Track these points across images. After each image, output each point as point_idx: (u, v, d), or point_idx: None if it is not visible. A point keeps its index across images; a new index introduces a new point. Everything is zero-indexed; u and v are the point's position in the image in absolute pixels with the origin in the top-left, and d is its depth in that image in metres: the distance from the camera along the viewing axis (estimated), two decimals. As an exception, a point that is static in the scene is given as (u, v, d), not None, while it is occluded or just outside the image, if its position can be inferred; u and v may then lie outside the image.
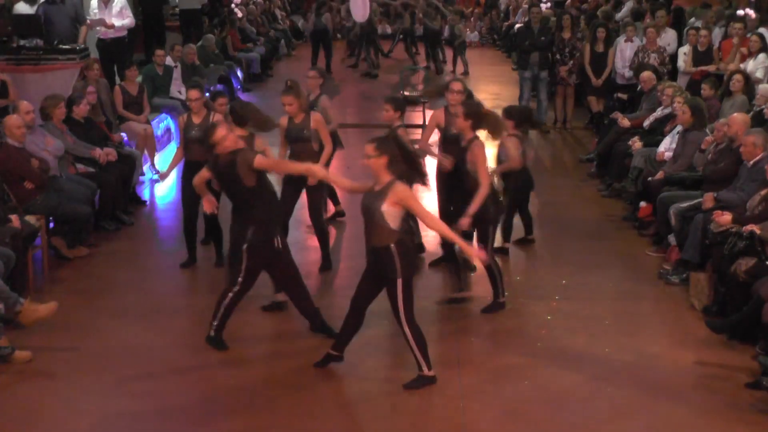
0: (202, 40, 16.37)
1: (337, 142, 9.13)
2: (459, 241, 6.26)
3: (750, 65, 11.43)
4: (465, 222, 7.15)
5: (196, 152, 8.02)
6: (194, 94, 8.50)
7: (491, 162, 8.18)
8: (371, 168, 6.00)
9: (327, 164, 8.28)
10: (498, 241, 8.30)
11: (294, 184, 8.22)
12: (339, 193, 9.81)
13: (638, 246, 9.16)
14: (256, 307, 7.85)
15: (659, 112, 10.78)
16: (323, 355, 6.52)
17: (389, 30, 23.19)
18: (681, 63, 12.63)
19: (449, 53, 20.63)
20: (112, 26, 12.48)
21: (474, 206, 7.14)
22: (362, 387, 6.39)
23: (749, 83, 10.46)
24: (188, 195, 8.24)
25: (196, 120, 8.45)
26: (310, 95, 8.98)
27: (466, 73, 19.48)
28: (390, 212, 5.95)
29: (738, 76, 10.46)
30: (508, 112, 8.69)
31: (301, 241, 9.05)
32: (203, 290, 8.06)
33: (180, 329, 7.27)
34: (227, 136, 6.64)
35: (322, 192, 8.63)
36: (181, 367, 6.59)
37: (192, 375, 6.49)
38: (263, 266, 6.81)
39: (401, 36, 21.33)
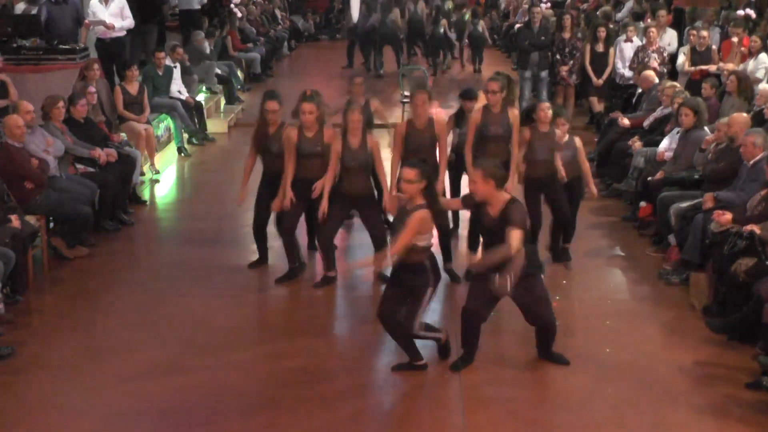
0: (191, 36, 16.14)
1: None
2: None
3: (750, 65, 11.42)
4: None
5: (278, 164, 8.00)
6: (272, 105, 8.04)
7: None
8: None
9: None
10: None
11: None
12: None
13: (638, 246, 9.15)
14: (255, 307, 7.86)
15: (659, 112, 10.78)
16: None
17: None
18: (680, 63, 12.63)
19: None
20: (113, 26, 12.48)
21: None
22: (362, 387, 6.39)
23: (745, 83, 10.44)
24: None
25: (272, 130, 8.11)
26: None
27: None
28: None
29: (732, 77, 10.46)
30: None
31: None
32: (203, 291, 8.05)
33: (180, 329, 7.26)
34: None
35: None
36: (182, 367, 6.59)
37: (192, 375, 6.48)
38: None
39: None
